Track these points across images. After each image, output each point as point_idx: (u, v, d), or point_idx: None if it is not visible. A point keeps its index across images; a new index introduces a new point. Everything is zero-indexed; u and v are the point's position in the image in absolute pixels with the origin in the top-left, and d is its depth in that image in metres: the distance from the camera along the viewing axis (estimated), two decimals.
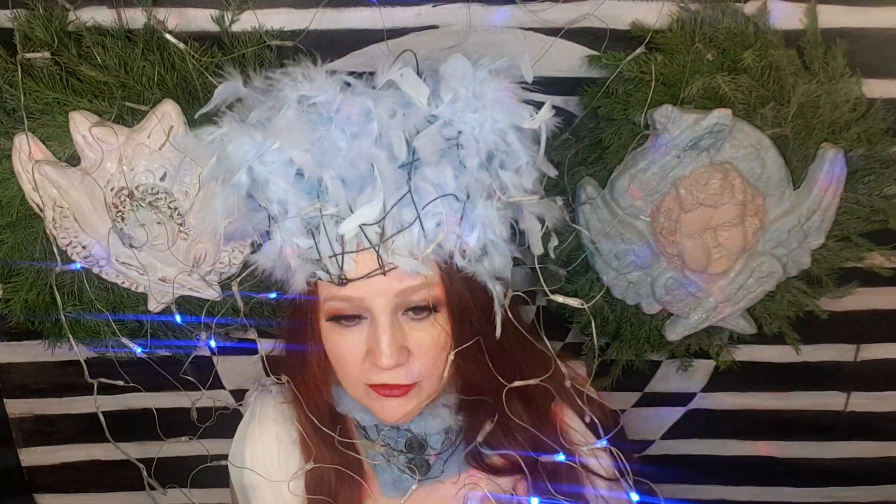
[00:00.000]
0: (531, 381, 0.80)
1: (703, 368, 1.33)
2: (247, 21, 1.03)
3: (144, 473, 1.02)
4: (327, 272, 0.73)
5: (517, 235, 0.80)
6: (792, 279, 1.17)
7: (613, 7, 1.05)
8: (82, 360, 1.07)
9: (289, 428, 0.89)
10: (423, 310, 0.75)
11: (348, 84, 0.72)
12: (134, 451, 1.20)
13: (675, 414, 1.38)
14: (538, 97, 0.75)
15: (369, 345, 0.75)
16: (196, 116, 0.93)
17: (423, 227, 0.71)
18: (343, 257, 0.72)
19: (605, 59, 1.05)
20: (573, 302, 0.82)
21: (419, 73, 0.73)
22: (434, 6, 1.05)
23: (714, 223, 1.08)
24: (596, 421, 0.87)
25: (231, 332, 1.23)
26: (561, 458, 0.83)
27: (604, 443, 0.85)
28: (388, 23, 1.04)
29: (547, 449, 0.83)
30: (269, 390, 0.93)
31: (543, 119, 0.73)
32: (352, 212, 0.70)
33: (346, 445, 0.85)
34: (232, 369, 1.29)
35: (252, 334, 1.26)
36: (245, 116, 0.74)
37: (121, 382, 1.07)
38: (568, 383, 0.85)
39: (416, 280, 0.73)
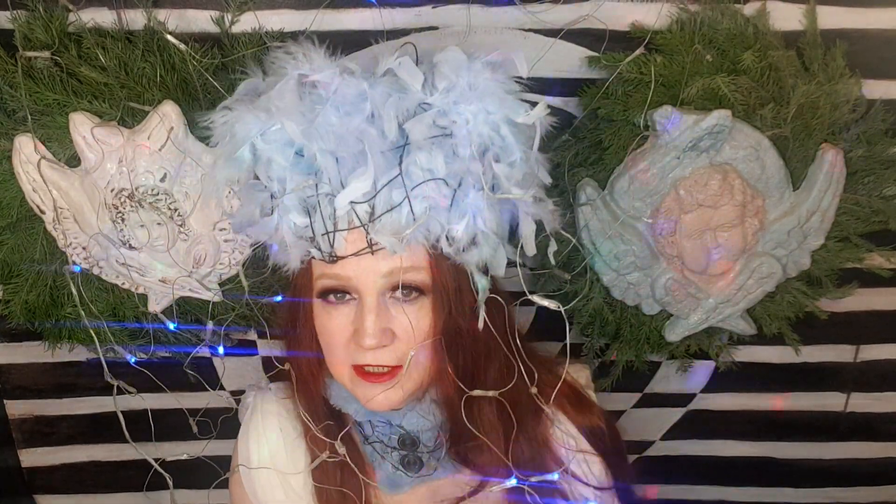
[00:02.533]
0: (489, 393, 0.81)
1: (702, 369, 1.33)
2: (247, 22, 1.03)
3: (170, 482, 1.02)
4: (319, 249, 0.76)
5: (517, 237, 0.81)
6: (791, 280, 1.17)
7: (613, 8, 1.05)
8: (103, 360, 1.07)
9: (293, 422, 0.90)
10: (408, 290, 0.77)
11: (350, 70, 0.74)
12: (134, 451, 1.20)
13: (674, 414, 1.38)
14: (532, 96, 0.76)
15: (355, 325, 0.77)
16: (219, 108, 0.94)
17: (412, 210, 0.73)
18: (334, 235, 0.74)
19: (604, 60, 1.05)
20: (550, 304, 0.82)
21: (418, 64, 0.75)
22: (434, 7, 1.05)
23: (714, 224, 1.08)
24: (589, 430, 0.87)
25: (231, 333, 1.23)
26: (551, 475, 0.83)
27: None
28: (388, 24, 1.04)
29: (527, 456, 0.84)
30: (268, 388, 0.94)
31: (538, 115, 0.75)
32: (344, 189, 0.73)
33: (347, 439, 0.87)
34: (233, 370, 1.29)
35: (252, 335, 1.27)
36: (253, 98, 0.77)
37: (133, 390, 1.07)
38: (533, 390, 0.84)
39: (403, 262, 0.75)
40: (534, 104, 0.76)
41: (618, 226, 1.08)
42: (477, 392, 0.80)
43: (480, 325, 0.78)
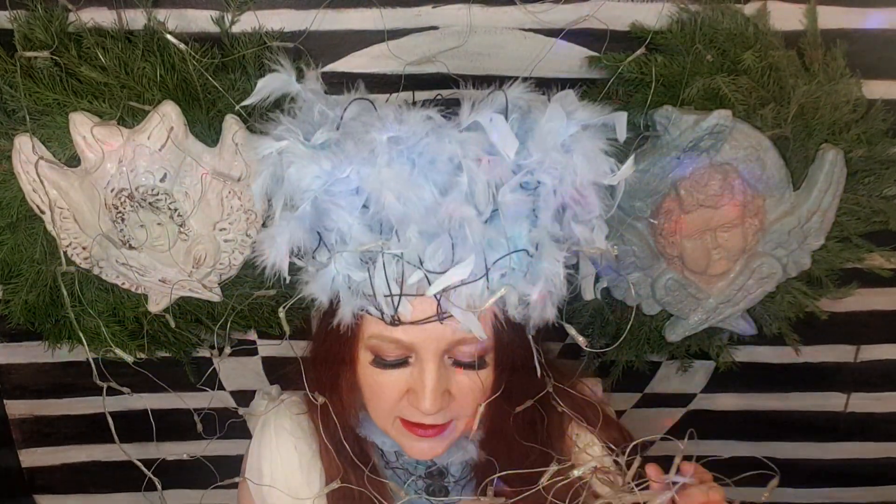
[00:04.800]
0: (527, 403, 0.79)
1: (703, 369, 1.33)
2: (247, 22, 1.03)
3: (159, 487, 1.01)
4: (380, 310, 0.70)
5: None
6: (792, 280, 1.17)
7: (613, 8, 1.05)
8: (91, 362, 1.06)
9: (308, 440, 0.86)
10: (470, 364, 0.73)
11: (430, 117, 0.68)
12: (134, 452, 1.20)
13: (674, 415, 1.38)
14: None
15: (411, 385, 0.73)
16: (238, 107, 0.91)
17: (488, 279, 0.68)
18: (400, 299, 0.69)
19: (605, 61, 1.05)
20: (580, 341, 0.79)
21: (506, 114, 0.69)
22: (434, 7, 1.05)
23: (714, 224, 1.08)
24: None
25: (231, 333, 1.23)
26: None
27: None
28: (389, 24, 1.04)
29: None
30: (280, 401, 0.90)
31: (625, 175, 0.71)
32: (419, 257, 0.67)
33: (367, 461, 0.83)
34: (233, 370, 1.29)
35: (252, 335, 1.27)
36: (305, 130, 0.70)
37: (127, 390, 1.06)
38: (550, 383, 0.83)
39: (469, 332, 0.71)
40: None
41: (618, 225, 1.08)
42: (519, 408, 0.78)
43: (539, 374, 0.75)
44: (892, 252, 1.17)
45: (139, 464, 1.00)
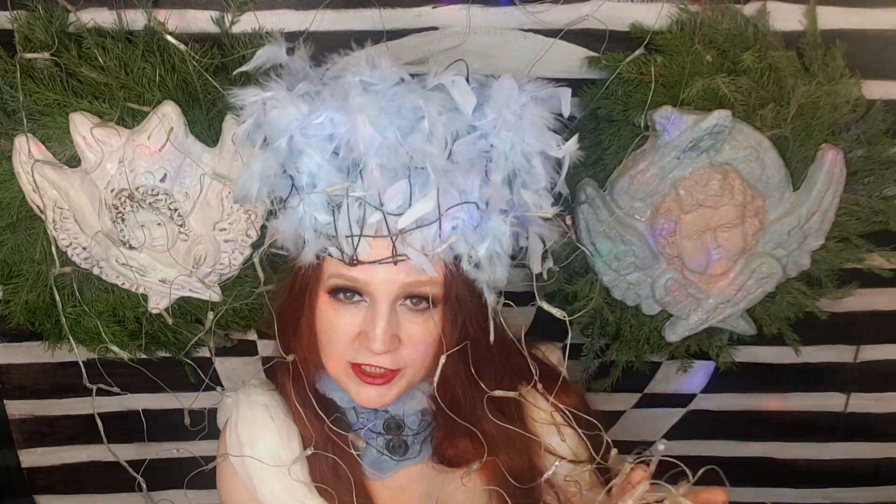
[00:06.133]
0: (511, 394, 0.84)
1: (703, 369, 1.33)
2: (247, 22, 1.03)
3: (143, 485, 1.02)
4: (340, 250, 0.76)
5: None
6: (792, 280, 1.17)
7: (613, 8, 1.05)
8: (81, 363, 1.07)
9: (283, 409, 0.89)
10: (421, 300, 0.78)
11: (402, 79, 0.75)
12: (134, 451, 1.20)
13: (674, 415, 1.38)
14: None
15: (364, 327, 0.78)
16: (234, 74, 0.94)
17: (440, 227, 0.74)
18: (360, 240, 0.74)
19: (604, 61, 1.05)
20: (556, 312, 0.84)
21: (467, 79, 0.76)
22: (434, 7, 1.05)
23: (714, 224, 1.08)
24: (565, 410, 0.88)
25: (231, 332, 1.23)
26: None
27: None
28: (388, 24, 1.04)
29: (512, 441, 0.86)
30: (251, 384, 0.94)
31: (569, 150, 0.78)
32: (380, 198, 0.73)
33: (336, 425, 0.87)
34: (232, 370, 1.29)
35: (252, 335, 1.27)
36: (290, 85, 0.76)
37: (116, 390, 1.07)
38: (540, 387, 0.86)
39: (421, 276, 0.76)
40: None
41: (618, 226, 1.08)
42: (499, 393, 0.83)
43: (492, 338, 0.80)
44: (892, 252, 1.18)
45: (125, 464, 0.99)
